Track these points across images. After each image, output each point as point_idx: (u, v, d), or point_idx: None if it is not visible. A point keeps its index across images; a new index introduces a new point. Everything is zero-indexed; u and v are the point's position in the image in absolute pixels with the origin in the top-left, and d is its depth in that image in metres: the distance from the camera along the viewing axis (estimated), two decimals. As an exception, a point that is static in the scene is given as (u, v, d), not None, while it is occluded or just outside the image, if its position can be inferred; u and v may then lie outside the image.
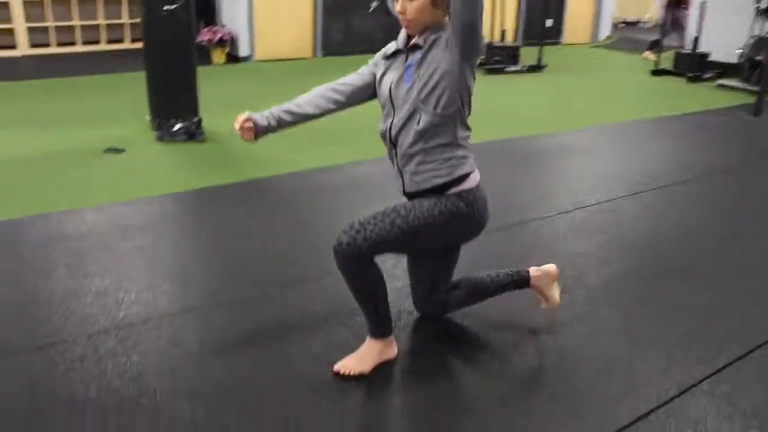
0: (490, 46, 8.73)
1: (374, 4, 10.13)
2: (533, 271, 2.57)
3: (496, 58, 8.85)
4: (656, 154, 5.13)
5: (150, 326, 2.53)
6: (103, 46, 9.15)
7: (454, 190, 2.20)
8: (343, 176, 4.46)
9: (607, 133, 5.72)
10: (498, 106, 6.72)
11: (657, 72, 8.84)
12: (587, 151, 5.11)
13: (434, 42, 2.11)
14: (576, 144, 5.30)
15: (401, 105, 2.17)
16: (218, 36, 8.95)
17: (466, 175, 2.22)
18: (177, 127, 5.20)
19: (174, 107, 5.30)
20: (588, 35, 12.10)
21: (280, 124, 2.29)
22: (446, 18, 2.12)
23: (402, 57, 2.20)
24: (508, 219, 3.66)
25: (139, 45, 6.11)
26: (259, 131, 2.27)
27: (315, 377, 2.24)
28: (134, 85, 5.55)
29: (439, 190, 2.18)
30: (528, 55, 9.02)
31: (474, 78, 2.16)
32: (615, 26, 13.26)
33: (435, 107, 2.11)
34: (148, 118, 5.49)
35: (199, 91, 5.43)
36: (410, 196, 2.25)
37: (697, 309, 2.76)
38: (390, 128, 2.22)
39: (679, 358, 2.41)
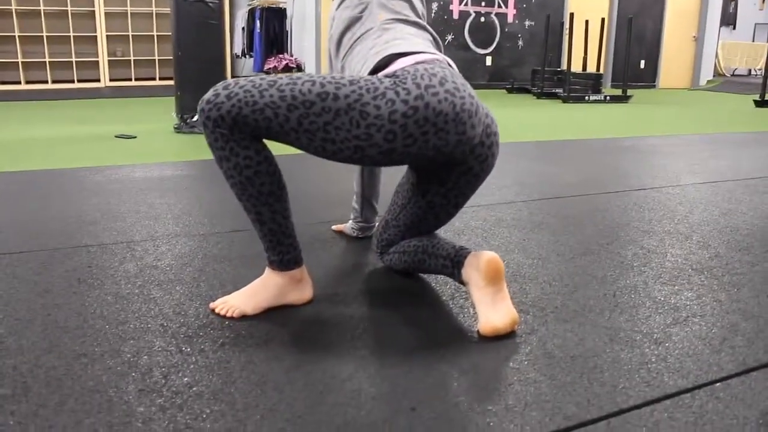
0: (572, 74, 8.00)
1: (449, 39, 9.68)
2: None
3: (576, 87, 8.09)
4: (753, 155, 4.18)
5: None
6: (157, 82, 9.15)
7: (390, 68, 1.51)
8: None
9: (688, 140, 4.81)
10: (565, 122, 5.97)
11: (762, 103, 7.75)
12: (664, 151, 4.23)
13: None
14: (651, 145, 4.43)
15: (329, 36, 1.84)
16: (283, 63, 8.77)
17: (396, 55, 1.53)
18: (196, 117, 4.79)
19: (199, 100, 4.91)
20: (688, 80, 11.09)
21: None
22: None
23: None
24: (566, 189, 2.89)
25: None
26: None
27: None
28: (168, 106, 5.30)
29: None
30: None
31: None
32: (722, 77, 12.15)
33: (341, 2, 1.76)
34: (173, 114, 5.15)
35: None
36: None
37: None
38: None
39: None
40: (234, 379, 1.26)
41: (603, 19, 8.68)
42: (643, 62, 10.65)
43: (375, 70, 1.54)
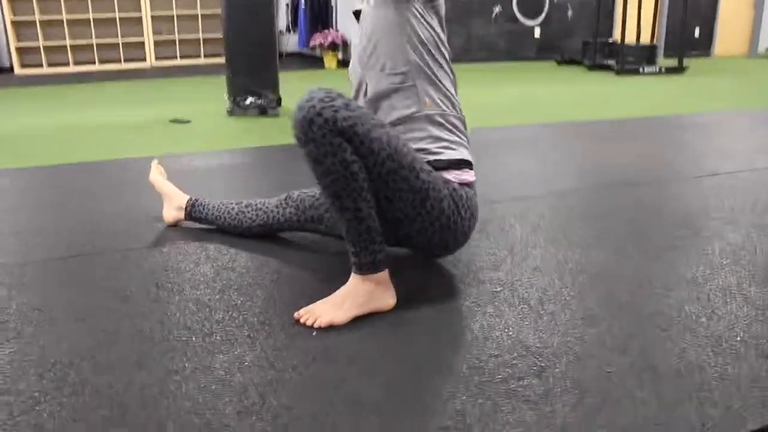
0: (626, 46, 7.73)
1: (497, 10, 9.47)
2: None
3: (630, 59, 7.83)
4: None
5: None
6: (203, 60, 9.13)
7: (441, 172, 1.63)
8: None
9: (750, 117, 4.60)
10: (617, 97, 5.79)
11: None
12: (718, 130, 4.05)
13: None
14: (707, 124, 4.24)
15: (353, 79, 1.79)
16: (329, 39, 8.67)
17: (458, 162, 1.66)
18: (249, 101, 4.76)
19: (251, 86, 4.88)
20: (745, 47, 10.65)
21: None
22: None
23: None
24: (597, 177, 2.79)
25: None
26: None
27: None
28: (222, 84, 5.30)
29: None
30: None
31: (436, 32, 1.66)
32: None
33: (381, 69, 1.65)
34: (225, 96, 5.13)
35: (283, 78, 5.02)
36: None
37: None
38: None
39: None
40: (331, 400, 1.23)
41: (657, -14, 8.35)
42: (697, 29, 10.25)
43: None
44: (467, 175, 1.68)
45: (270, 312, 1.59)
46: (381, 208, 1.55)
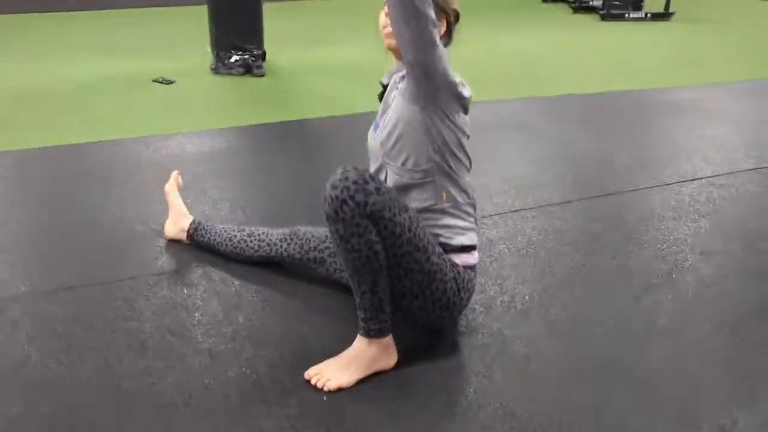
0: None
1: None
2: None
3: (616, 2, 7.75)
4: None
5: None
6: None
7: (450, 255, 1.75)
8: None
9: (737, 92, 4.68)
10: (606, 58, 5.79)
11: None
12: (706, 111, 4.14)
13: (402, 79, 1.73)
14: (693, 101, 4.33)
15: (372, 155, 1.85)
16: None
17: (463, 248, 1.77)
18: (234, 59, 4.70)
19: (235, 38, 4.80)
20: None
21: None
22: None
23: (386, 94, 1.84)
24: (593, 188, 2.89)
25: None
26: None
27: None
28: (201, 17, 5.14)
29: None
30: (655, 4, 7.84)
31: (461, 130, 1.71)
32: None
33: (403, 163, 1.71)
34: (208, 49, 5.04)
35: (265, 24, 4.92)
36: None
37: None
38: None
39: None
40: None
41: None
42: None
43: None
44: (472, 258, 1.79)
45: (280, 367, 1.72)
46: (389, 282, 1.66)
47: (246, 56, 4.75)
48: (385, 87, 1.85)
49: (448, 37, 1.76)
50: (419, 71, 1.59)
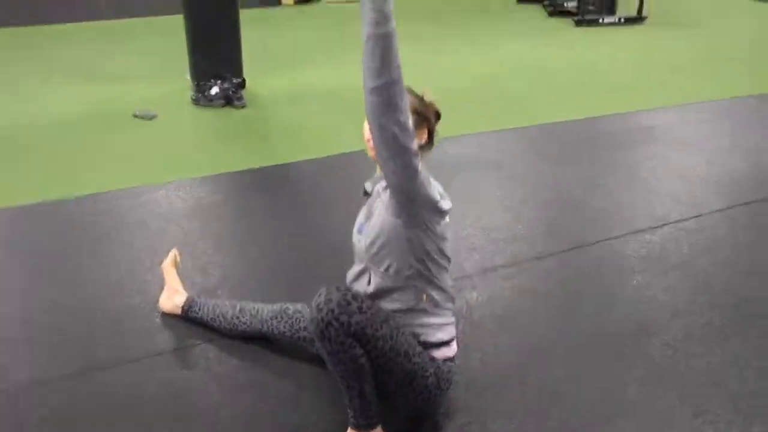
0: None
1: None
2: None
3: (590, 8, 7.86)
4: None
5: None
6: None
7: (430, 350, 1.87)
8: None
9: (709, 114, 4.83)
10: (580, 74, 5.91)
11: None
12: (677, 139, 4.29)
13: (385, 189, 1.82)
14: (664, 128, 4.48)
15: (357, 256, 1.95)
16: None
17: (442, 343, 1.89)
18: (215, 91, 4.75)
19: (214, 66, 4.86)
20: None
21: None
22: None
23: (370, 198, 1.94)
24: (566, 240, 3.03)
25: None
26: None
27: None
28: (179, 29, 5.15)
29: None
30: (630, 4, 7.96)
31: (441, 238, 1.82)
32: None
33: (386, 269, 1.82)
34: (187, 77, 5.09)
35: (243, 43, 4.97)
36: None
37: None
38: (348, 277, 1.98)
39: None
40: None
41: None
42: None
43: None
44: (450, 351, 1.91)
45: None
46: (374, 375, 1.78)
47: (226, 86, 4.80)
48: (367, 193, 1.96)
49: (429, 141, 1.87)
50: (402, 196, 1.71)
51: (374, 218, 1.85)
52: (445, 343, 1.90)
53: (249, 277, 2.73)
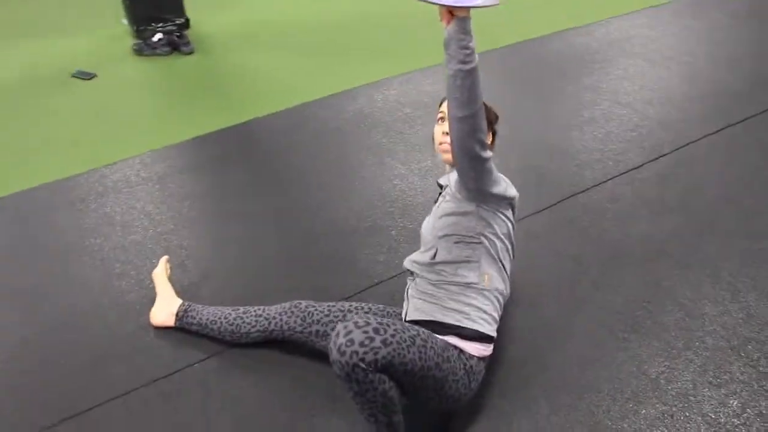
0: None
1: None
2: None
3: None
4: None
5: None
6: None
7: (460, 341, 1.79)
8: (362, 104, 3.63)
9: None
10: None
11: None
12: (654, 51, 4.09)
13: (456, 183, 1.86)
14: (638, 36, 4.26)
15: (424, 241, 1.96)
16: None
17: (482, 337, 1.82)
18: (157, 37, 4.34)
19: (152, 5, 4.40)
20: None
21: None
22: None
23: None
24: (542, 197, 2.89)
25: None
26: None
27: None
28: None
29: (439, 332, 1.78)
30: None
31: (510, 221, 1.89)
32: None
33: (456, 242, 1.84)
34: (123, 21, 4.63)
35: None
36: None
37: None
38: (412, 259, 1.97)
39: None
40: None
41: None
42: None
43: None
44: (487, 350, 1.84)
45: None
46: (403, 391, 1.67)
47: (169, 27, 4.38)
48: (440, 186, 2.05)
49: (493, 141, 1.99)
50: (476, 193, 1.79)
51: (444, 203, 1.90)
52: (485, 339, 1.83)
53: (240, 276, 2.54)
